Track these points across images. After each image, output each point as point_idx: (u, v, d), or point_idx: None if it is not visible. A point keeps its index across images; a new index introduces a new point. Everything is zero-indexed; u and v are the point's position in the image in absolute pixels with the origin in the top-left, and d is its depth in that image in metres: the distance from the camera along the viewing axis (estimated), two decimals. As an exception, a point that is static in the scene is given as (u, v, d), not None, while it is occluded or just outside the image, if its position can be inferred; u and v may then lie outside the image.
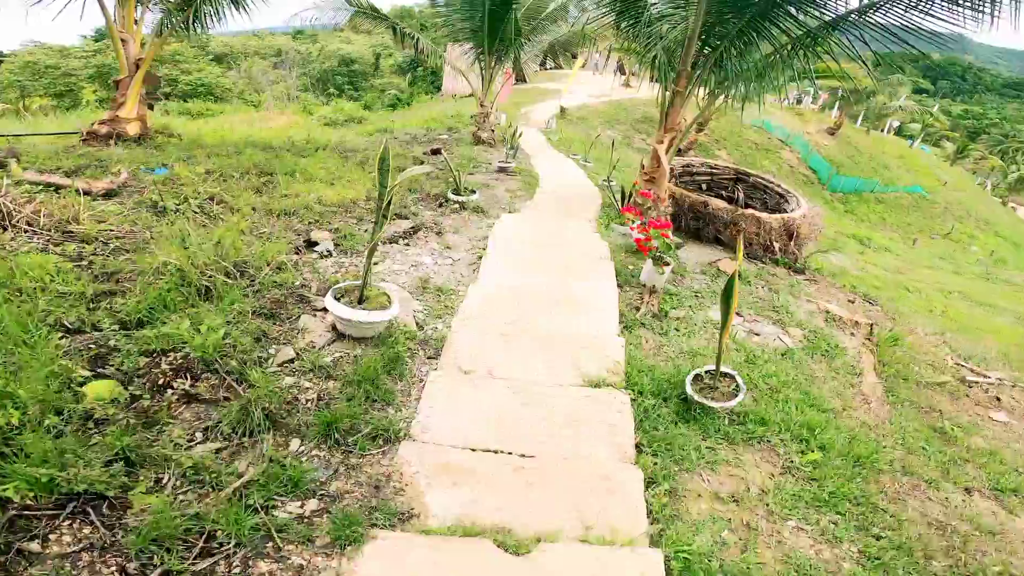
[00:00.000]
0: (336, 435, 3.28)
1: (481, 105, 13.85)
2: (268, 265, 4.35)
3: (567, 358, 4.10)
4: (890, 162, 29.71)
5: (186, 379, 3.30)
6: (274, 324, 3.87)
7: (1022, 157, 41.75)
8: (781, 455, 3.97)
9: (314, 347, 3.74)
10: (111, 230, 4.90)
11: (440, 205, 7.52)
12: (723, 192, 10.54)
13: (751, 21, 6.96)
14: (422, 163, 11.44)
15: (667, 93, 7.53)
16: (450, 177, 7.81)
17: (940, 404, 5.75)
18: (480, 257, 5.70)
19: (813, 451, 4.04)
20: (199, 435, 3.14)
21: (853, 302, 8.19)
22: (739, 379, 4.06)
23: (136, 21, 8.81)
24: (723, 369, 4.02)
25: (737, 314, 5.57)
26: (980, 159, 44.34)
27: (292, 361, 3.59)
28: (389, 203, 3.72)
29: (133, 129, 8.35)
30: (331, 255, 5.07)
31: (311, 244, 5.18)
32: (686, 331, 4.97)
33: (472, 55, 13.65)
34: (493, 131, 14.02)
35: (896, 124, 42.34)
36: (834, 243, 16.34)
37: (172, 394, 3.26)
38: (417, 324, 4.34)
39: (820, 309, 6.07)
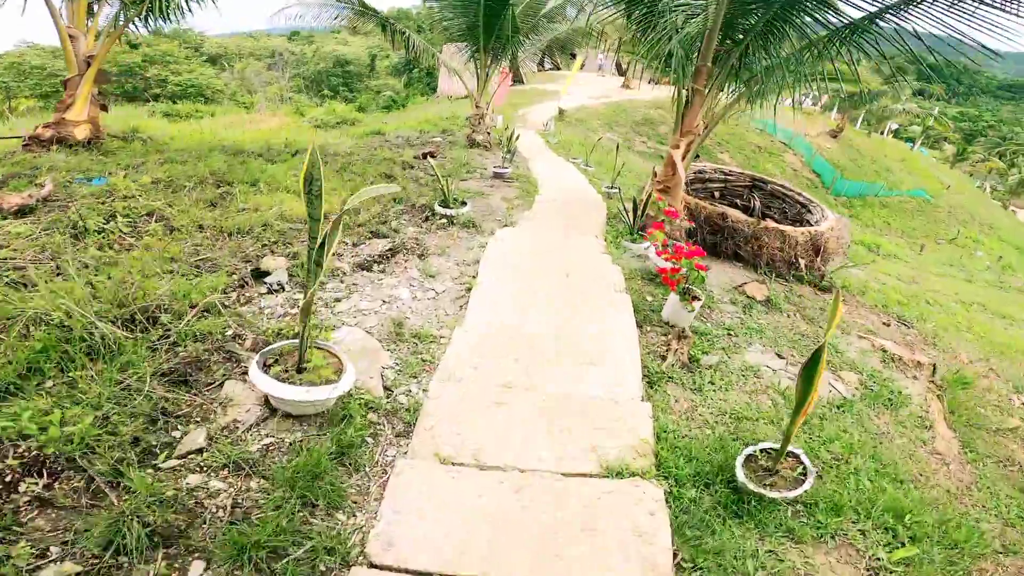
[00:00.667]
0: (256, 560, 2.27)
1: (476, 106, 12.84)
2: (193, 308, 3.32)
3: (579, 434, 3.06)
4: (892, 165, 28.73)
5: (40, 478, 2.29)
6: (187, 394, 2.83)
7: (1022, 160, 40.82)
8: (863, 552, 2.99)
9: (238, 428, 2.71)
10: (12, 258, 3.87)
11: (426, 219, 6.49)
12: (738, 201, 9.55)
13: (781, 11, 5.97)
14: (411, 167, 10.45)
15: (684, 92, 6.52)
16: (440, 185, 6.77)
17: (1016, 454, 4.79)
18: (469, 288, 4.62)
19: (903, 544, 3.06)
20: (55, 550, 2.14)
21: (888, 325, 7.24)
22: (805, 459, 3.05)
23: (92, 14, 7.78)
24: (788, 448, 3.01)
25: (779, 355, 4.57)
26: (980, 162, 43.34)
27: (202, 451, 2.56)
28: (323, 245, 2.64)
29: (81, 133, 7.31)
30: (283, 289, 4.01)
31: (261, 275, 4.13)
32: (723, 384, 3.95)
33: (467, 53, 12.68)
34: (489, 133, 13.00)
35: (894, 127, 41.39)
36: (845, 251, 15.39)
37: (23, 495, 2.26)
38: (385, 387, 3.30)
39: (875, 347, 5.06)
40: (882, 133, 37.32)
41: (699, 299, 4.42)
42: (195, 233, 4.69)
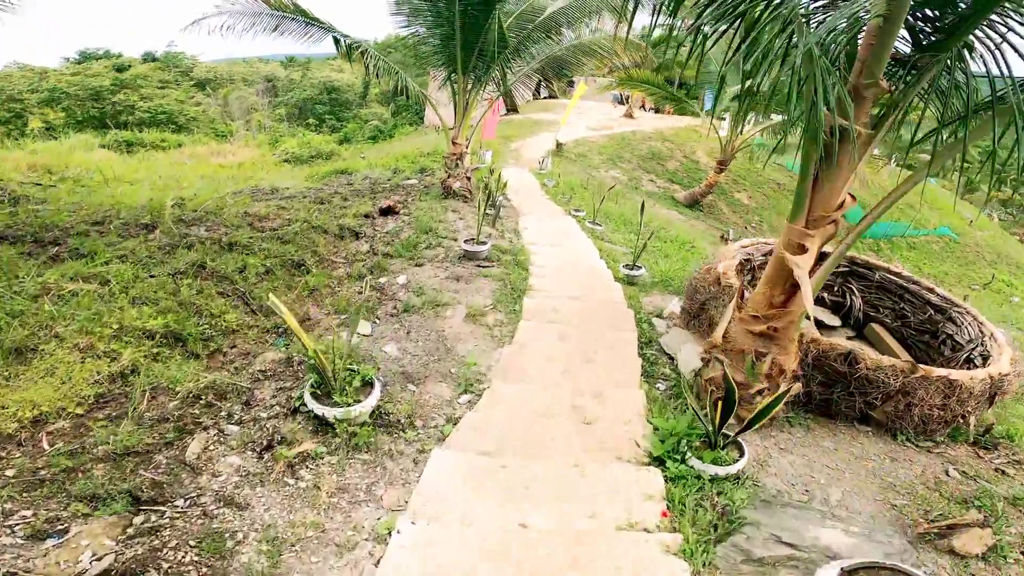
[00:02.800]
0: None
1: (453, 143, 9.42)
2: None
3: None
4: (912, 200, 25.41)
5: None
6: None
7: (1031, 191, 37.42)
8: None
9: None
10: None
11: (295, 411, 3.01)
12: (825, 295, 6.13)
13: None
14: (357, 235, 7.01)
15: (819, 140, 3.05)
16: (320, 365, 3.25)
17: None
18: None
19: None
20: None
21: None
22: None
23: None
24: None
25: None
26: (995, 190, 39.95)
27: None
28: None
29: None
30: None
31: None
32: None
33: (443, 76, 9.34)
34: (469, 179, 9.57)
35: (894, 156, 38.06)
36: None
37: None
38: None
39: None
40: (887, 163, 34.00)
41: None
42: None
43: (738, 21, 3.15)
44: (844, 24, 2.87)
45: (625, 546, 2.41)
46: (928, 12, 2.87)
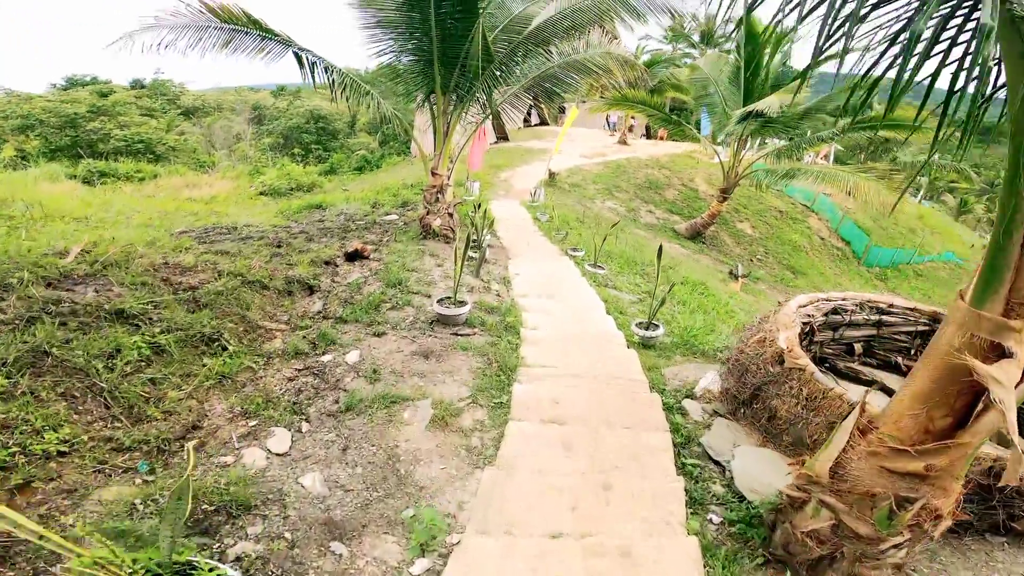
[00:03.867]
0: None
1: (433, 174, 8.11)
2: None
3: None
4: (913, 224, 24.32)
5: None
6: None
7: None
8: None
9: None
10: None
11: None
12: (900, 359, 4.78)
13: None
14: (311, 289, 5.65)
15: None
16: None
17: None
18: None
19: None
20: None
21: None
22: None
23: None
24: None
25: None
26: (987, 212, 38.85)
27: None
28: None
29: None
30: None
31: None
32: None
33: (420, 97, 8.12)
34: (452, 214, 8.23)
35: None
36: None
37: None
38: None
39: None
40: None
41: None
42: None
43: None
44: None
45: None
46: None
